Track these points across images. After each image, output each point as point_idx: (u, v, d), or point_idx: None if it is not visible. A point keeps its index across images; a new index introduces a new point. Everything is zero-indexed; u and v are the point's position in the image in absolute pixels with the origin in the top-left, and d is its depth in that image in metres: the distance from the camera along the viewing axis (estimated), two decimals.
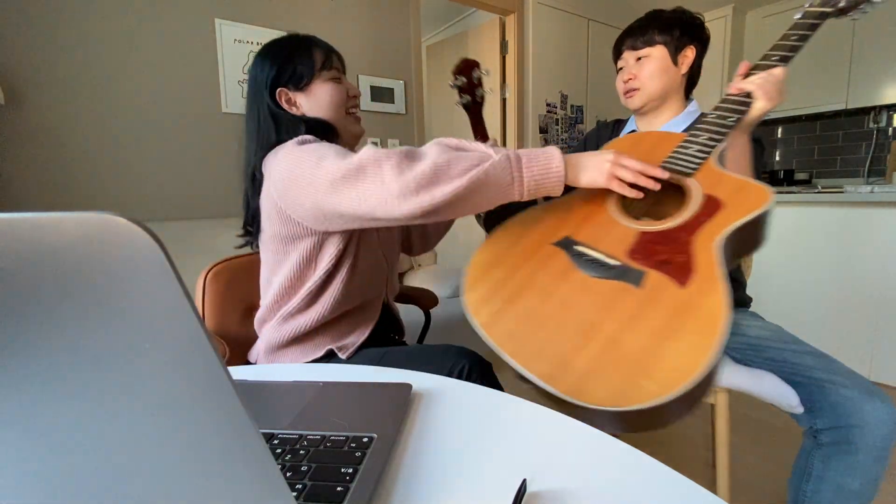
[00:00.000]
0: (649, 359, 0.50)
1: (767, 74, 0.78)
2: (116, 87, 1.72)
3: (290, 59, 0.83)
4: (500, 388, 0.65)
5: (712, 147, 0.75)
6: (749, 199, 0.65)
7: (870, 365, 1.91)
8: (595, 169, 0.68)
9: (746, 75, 0.80)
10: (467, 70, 0.97)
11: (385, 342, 0.91)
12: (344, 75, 0.88)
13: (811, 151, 3.41)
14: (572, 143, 3.38)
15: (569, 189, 0.73)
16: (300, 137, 0.78)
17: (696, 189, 0.70)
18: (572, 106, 3.35)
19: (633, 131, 1.11)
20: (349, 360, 0.81)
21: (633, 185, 0.69)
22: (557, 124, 3.28)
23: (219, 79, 1.92)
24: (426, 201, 0.61)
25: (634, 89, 1.03)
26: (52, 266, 0.15)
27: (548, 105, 3.20)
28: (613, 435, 0.39)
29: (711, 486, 1.25)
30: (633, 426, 0.49)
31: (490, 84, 3.14)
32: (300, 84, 0.83)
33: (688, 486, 0.32)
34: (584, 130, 3.45)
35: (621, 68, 1.06)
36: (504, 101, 3.15)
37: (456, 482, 0.33)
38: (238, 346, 0.94)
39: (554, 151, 0.67)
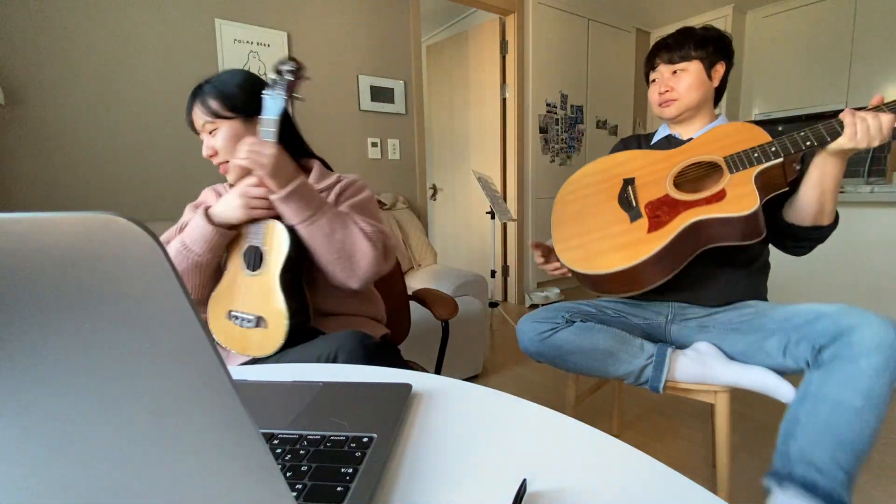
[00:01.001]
0: (599, 255, 0.96)
1: (872, 116, 0.81)
2: (116, 87, 1.72)
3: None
4: (380, 364, 0.66)
5: (770, 158, 0.88)
6: (740, 204, 0.86)
7: None
8: (230, 208, 0.82)
9: (877, 108, 0.84)
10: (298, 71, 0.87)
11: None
12: (201, 133, 0.88)
13: (811, 151, 3.41)
14: (572, 142, 3.38)
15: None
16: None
17: (723, 182, 0.91)
18: (572, 106, 3.35)
19: (669, 135, 1.16)
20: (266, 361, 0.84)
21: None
22: (557, 124, 3.28)
23: None
24: None
25: (672, 100, 1.08)
26: (51, 266, 0.15)
27: (548, 105, 3.20)
28: (614, 435, 0.39)
29: (711, 486, 1.26)
30: (583, 280, 0.99)
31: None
32: None
33: (688, 485, 0.32)
34: (584, 130, 3.45)
35: (654, 80, 1.12)
36: (504, 101, 3.16)
37: (456, 482, 0.33)
38: None
39: (196, 220, 0.82)
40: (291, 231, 0.81)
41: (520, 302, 3.31)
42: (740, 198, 0.87)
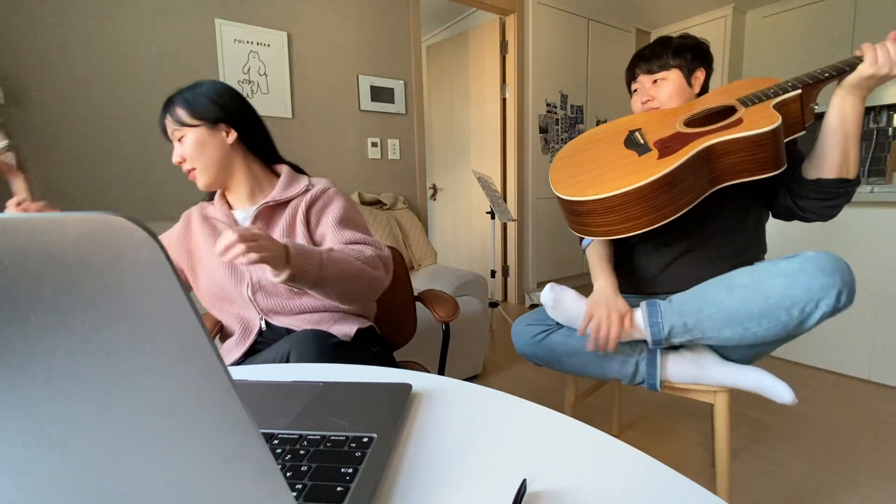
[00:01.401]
0: (601, 182, 0.88)
1: (892, 42, 0.78)
2: (116, 87, 1.72)
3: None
4: (329, 361, 0.69)
5: (787, 90, 0.86)
6: (759, 124, 0.80)
7: (870, 365, 1.91)
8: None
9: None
10: None
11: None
12: (179, 126, 0.88)
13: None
14: None
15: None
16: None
17: (739, 114, 0.88)
18: (572, 106, 3.35)
19: None
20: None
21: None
22: (557, 124, 3.28)
23: (219, 79, 1.92)
24: None
25: (654, 108, 1.09)
26: (52, 266, 0.15)
27: (548, 105, 3.20)
28: (614, 435, 0.39)
29: (711, 485, 1.26)
30: (588, 217, 0.90)
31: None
32: None
33: (688, 485, 0.32)
34: (584, 130, 3.45)
35: (636, 90, 1.13)
36: (504, 101, 3.16)
37: (456, 482, 0.33)
38: None
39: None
40: None
41: (520, 302, 3.31)
42: (759, 120, 0.81)
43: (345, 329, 0.92)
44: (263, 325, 0.91)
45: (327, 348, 0.74)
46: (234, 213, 0.95)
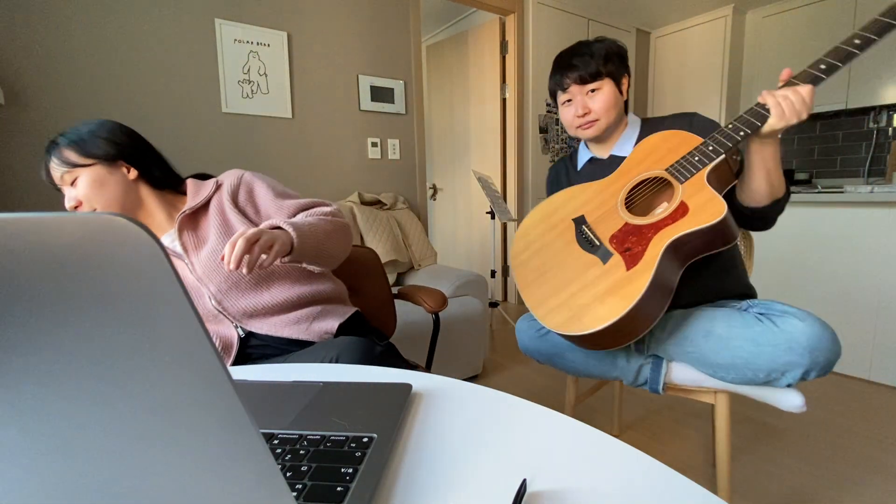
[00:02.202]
0: (585, 310, 0.85)
1: (792, 91, 0.80)
2: (116, 87, 1.72)
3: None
4: (379, 364, 0.69)
5: (713, 158, 0.87)
6: (708, 213, 0.83)
7: (870, 365, 1.91)
8: None
9: (787, 83, 0.83)
10: None
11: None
12: (62, 185, 0.86)
13: (811, 151, 3.41)
14: (572, 142, 3.38)
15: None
16: None
17: (679, 195, 0.88)
18: None
19: (592, 158, 1.16)
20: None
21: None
22: (557, 124, 3.28)
23: (219, 79, 1.92)
24: None
25: (592, 121, 1.06)
26: (52, 266, 0.15)
27: (548, 105, 3.20)
28: (614, 435, 0.39)
29: (711, 486, 1.26)
30: (578, 342, 0.88)
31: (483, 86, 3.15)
32: None
33: (688, 486, 0.32)
34: None
35: (568, 101, 1.09)
36: (504, 101, 3.16)
37: (456, 482, 0.33)
38: None
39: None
40: None
41: (520, 302, 3.31)
42: (704, 205, 0.84)
43: (326, 326, 0.91)
44: (241, 333, 0.87)
45: (376, 357, 0.76)
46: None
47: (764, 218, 0.95)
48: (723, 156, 0.86)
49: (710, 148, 0.88)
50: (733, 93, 3.42)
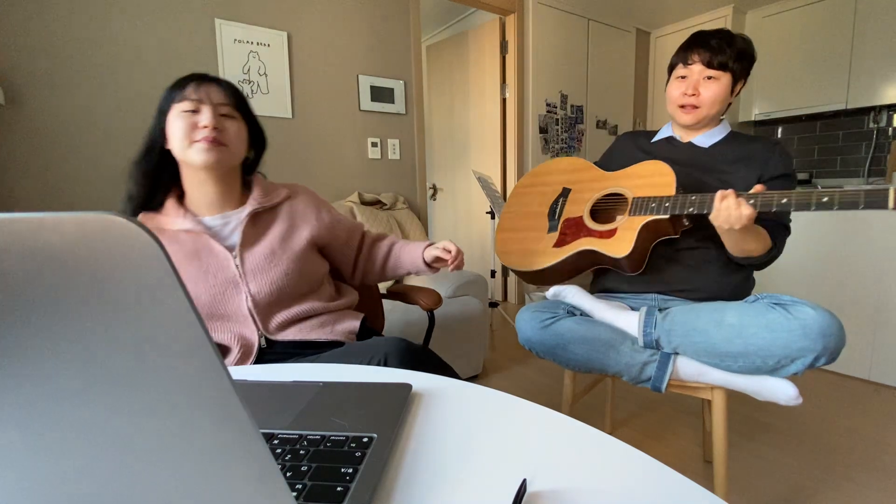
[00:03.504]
0: (532, 256, 1.17)
1: (736, 206, 0.87)
2: (117, 87, 1.72)
3: (172, 88, 0.85)
4: (426, 371, 0.67)
5: (659, 213, 1.00)
6: (618, 247, 1.03)
7: (870, 365, 1.91)
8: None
9: (751, 196, 0.88)
10: None
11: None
12: (209, 105, 0.82)
13: (811, 151, 3.41)
14: (572, 142, 3.38)
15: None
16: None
17: (619, 221, 1.07)
18: (572, 106, 3.35)
19: (671, 138, 1.17)
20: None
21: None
22: (557, 124, 3.28)
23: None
24: None
25: (694, 107, 1.06)
26: (51, 266, 0.15)
27: (548, 105, 3.20)
28: (607, 433, 0.39)
29: (706, 483, 1.26)
30: (526, 277, 1.19)
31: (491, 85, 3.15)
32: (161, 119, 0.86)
33: (686, 484, 0.32)
34: (584, 130, 3.45)
35: (683, 77, 1.07)
36: (504, 101, 3.15)
37: (456, 482, 0.33)
38: None
39: None
40: None
41: (520, 302, 3.31)
42: (621, 241, 1.03)
43: (349, 326, 0.92)
44: (263, 343, 0.85)
45: (420, 353, 0.76)
46: (203, 220, 0.87)
47: (751, 266, 1.06)
48: (667, 216, 1.00)
49: (666, 205, 1.00)
50: None
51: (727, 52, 1.01)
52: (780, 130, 3.58)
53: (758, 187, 0.89)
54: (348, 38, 2.25)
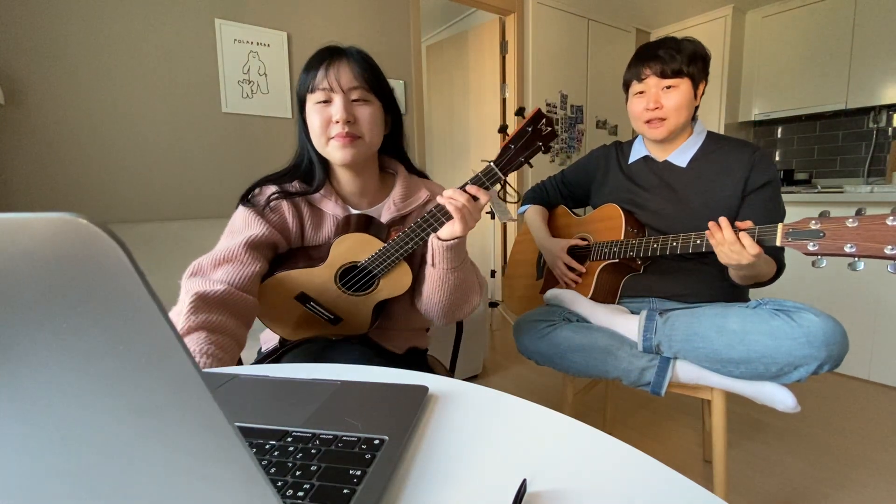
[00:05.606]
0: (520, 304, 1.40)
1: (731, 242, 0.86)
2: (116, 87, 1.72)
3: (306, 72, 0.79)
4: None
5: (610, 258, 1.09)
6: (582, 291, 1.15)
7: (870, 365, 1.92)
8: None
9: (749, 231, 0.86)
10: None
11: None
12: (340, 93, 0.77)
13: (811, 151, 3.41)
14: (572, 142, 3.38)
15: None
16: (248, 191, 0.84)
17: (586, 265, 1.17)
18: (572, 106, 3.35)
19: (647, 157, 1.15)
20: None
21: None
22: (557, 124, 3.28)
23: (219, 79, 1.92)
24: None
25: (661, 119, 1.04)
26: (29, 267, 0.15)
27: (548, 105, 3.20)
28: (613, 435, 0.39)
29: (706, 482, 1.26)
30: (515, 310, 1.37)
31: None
32: (302, 107, 0.82)
33: (686, 484, 0.32)
34: (584, 130, 3.45)
35: (640, 93, 1.06)
36: (504, 100, 3.15)
37: (455, 482, 0.33)
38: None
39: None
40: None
41: None
42: (584, 286, 1.14)
43: (425, 341, 0.98)
44: (278, 344, 0.84)
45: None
46: (353, 212, 0.84)
47: (758, 284, 1.07)
48: (616, 260, 1.07)
49: (615, 249, 1.07)
50: (733, 93, 3.42)
51: (678, 59, 1.00)
52: (779, 130, 3.59)
53: (747, 223, 0.85)
54: (348, 38, 2.25)
